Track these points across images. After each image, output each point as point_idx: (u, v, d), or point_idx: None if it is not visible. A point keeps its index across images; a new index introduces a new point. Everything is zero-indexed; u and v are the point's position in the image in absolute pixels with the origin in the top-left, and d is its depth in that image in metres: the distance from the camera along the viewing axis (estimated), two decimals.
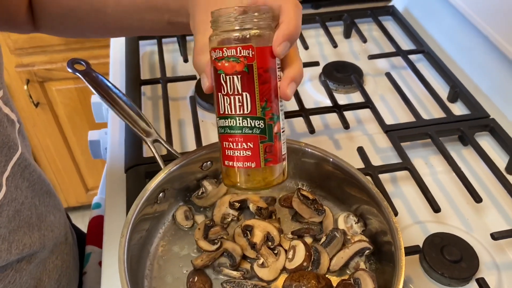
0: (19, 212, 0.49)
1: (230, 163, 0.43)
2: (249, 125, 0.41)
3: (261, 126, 0.41)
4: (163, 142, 0.54)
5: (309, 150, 0.55)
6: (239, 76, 0.40)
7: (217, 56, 0.41)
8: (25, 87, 1.35)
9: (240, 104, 0.41)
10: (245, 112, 0.41)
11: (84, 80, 0.56)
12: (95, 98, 0.86)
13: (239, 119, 0.41)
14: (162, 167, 0.52)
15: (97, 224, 0.74)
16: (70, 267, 0.61)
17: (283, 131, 0.44)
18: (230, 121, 0.42)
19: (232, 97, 0.41)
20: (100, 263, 0.66)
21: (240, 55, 0.40)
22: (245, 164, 0.42)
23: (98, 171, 1.62)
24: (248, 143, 0.42)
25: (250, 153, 0.42)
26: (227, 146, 0.43)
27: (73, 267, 0.63)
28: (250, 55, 0.40)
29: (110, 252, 0.57)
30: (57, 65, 1.34)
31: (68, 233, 0.63)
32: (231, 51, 0.40)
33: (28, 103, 1.39)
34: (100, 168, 1.09)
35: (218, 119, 0.43)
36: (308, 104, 0.76)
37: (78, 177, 1.64)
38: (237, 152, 0.42)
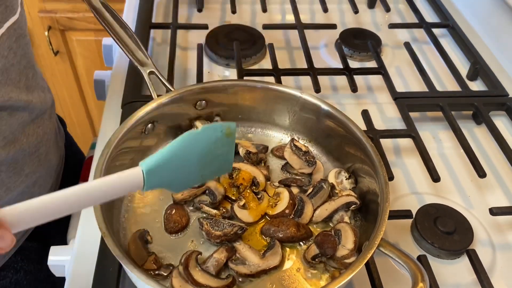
0: (8, 71, 0.50)
1: None
2: None
3: None
4: (158, 74, 0.53)
5: (307, 98, 0.53)
6: None
7: None
8: (46, 33, 1.36)
9: None
10: None
11: (86, 2, 0.55)
12: (107, 40, 0.85)
13: None
14: (154, 97, 0.51)
15: (91, 163, 0.74)
16: (51, 144, 0.65)
17: None
18: None
19: None
20: None
21: None
22: None
23: None
24: None
25: None
26: None
27: (53, 149, 0.66)
28: None
29: None
30: (79, 14, 1.34)
31: (53, 114, 0.68)
32: None
33: (48, 50, 1.40)
34: None
35: None
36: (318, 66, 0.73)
37: (91, 131, 1.66)
38: None
